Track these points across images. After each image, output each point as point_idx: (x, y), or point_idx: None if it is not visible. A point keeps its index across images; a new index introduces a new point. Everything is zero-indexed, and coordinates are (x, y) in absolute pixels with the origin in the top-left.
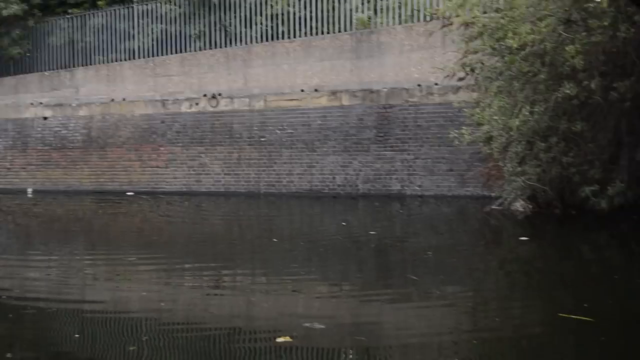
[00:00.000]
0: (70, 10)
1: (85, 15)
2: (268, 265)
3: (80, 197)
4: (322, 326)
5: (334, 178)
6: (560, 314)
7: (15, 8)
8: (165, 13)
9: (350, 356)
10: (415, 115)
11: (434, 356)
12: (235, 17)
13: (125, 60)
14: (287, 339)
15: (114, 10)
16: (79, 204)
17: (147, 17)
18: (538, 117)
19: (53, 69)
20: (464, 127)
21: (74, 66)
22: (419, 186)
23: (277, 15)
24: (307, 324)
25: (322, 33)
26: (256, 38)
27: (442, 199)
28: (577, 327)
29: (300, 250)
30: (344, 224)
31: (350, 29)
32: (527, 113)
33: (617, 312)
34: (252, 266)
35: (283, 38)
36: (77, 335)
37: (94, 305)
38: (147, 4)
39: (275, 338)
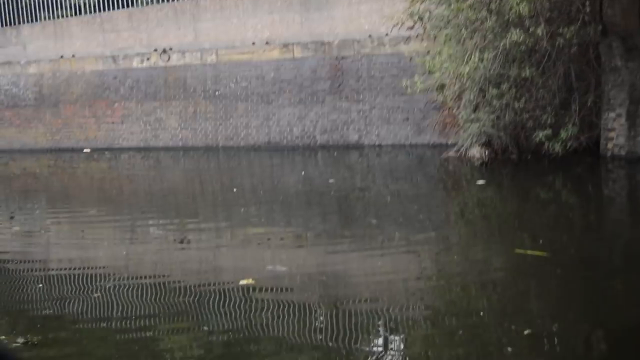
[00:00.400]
0: None
1: None
2: (231, 217)
3: (36, 155)
4: (284, 268)
5: (291, 130)
6: (518, 250)
7: None
8: None
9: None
10: (368, 66)
11: (397, 298)
12: None
13: (72, 16)
14: (250, 281)
15: None
16: (36, 163)
17: None
18: (488, 63)
19: None
20: (416, 76)
21: (19, 23)
22: (377, 136)
23: None
24: (270, 267)
25: None
26: None
27: (400, 148)
28: (535, 264)
29: (261, 201)
30: (303, 174)
31: None
32: (476, 60)
33: (572, 248)
34: (216, 218)
35: None
36: (40, 285)
37: (59, 261)
38: None
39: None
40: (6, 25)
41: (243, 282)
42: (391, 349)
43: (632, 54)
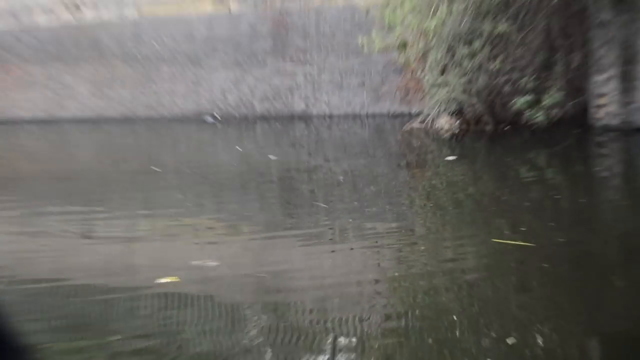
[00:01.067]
0: None
1: None
2: (150, 203)
3: None
4: (214, 264)
5: (225, 97)
6: (496, 240)
7: None
8: None
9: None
10: (317, 21)
11: (352, 307)
12: None
13: None
14: (174, 279)
15: None
16: None
17: None
18: (457, 16)
19: None
20: (373, 32)
21: None
22: (327, 104)
23: None
24: (196, 262)
25: None
26: None
27: (355, 118)
28: (517, 256)
29: (188, 183)
30: (239, 149)
31: None
32: (444, 13)
33: (559, 236)
34: (131, 206)
35: None
36: None
37: None
38: None
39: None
40: None
41: (162, 280)
42: None
43: (624, 4)
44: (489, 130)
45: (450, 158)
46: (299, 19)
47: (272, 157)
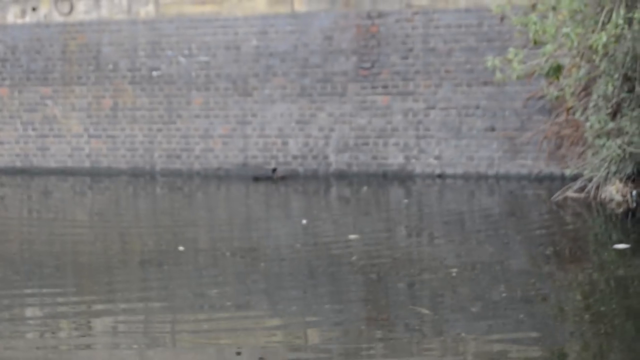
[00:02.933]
0: None
1: None
2: (170, 300)
3: None
4: None
5: (285, 144)
6: None
7: None
8: None
9: None
10: (425, 31)
11: None
12: None
13: None
14: None
15: None
16: None
17: None
18: None
19: None
20: (511, 50)
21: None
22: (437, 158)
23: None
24: None
25: None
26: None
27: (479, 180)
28: None
29: (228, 271)
30: (304, 222)
31: None
32: (621, 22)
33: None
34: (145, 304)
35: None
36: None
37: None
38: None
39: None
40: None
41: None
42: None
43: None
44: None
45: (622, 246)
46: (397, 26)
47: (352, 236)
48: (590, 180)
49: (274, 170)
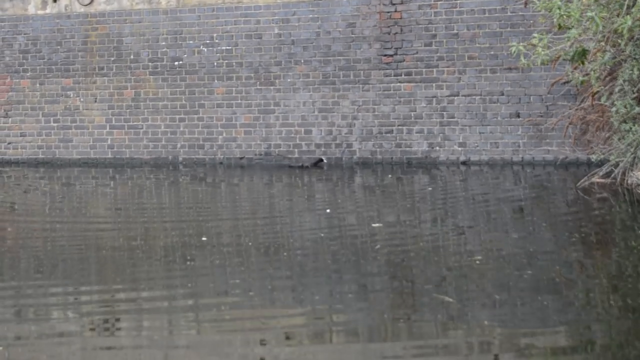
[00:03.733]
0: None
1: None
2: (192, 289)
3: None
4: None
5: (308, 132)
6: None
7: None
8: None
9: None
10: (448, 17)
11: None
12: None
13: None
14: None
15: None
16: None
17: None
18: None
19: None
20: (535, 35)
21: None
22: (461, 145)
23: None
24: None
25: None
26: None
27: (504, 166)
28: None
29: (251, 260)
30: (328, 211)
31: None
32: None
33: None
34: (168, 292)
35: None
36: None
37: None
38: None
39: None
40: None
41: None
42: None
43: None
44: None
45: None
46: (420, 13)
47: (376, 224)
48: (616, 165)
49: (321, 160)
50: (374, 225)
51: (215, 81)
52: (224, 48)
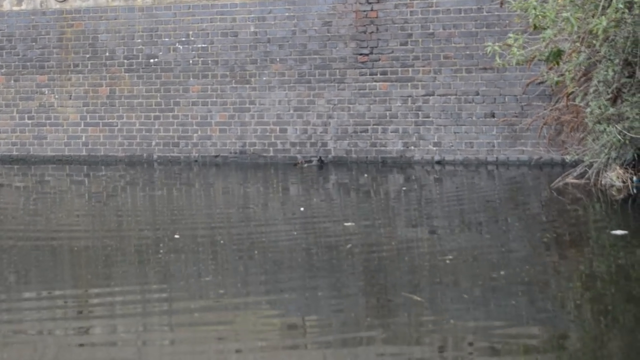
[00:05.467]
0: None
1: None
2: (166, 290)
3: None
4: None
5: (283, 131)
6: None
7: None
8: None
9: None
10: (425, 15)
11: None
12: None
13: None
14: None
15: None
16: None
17: None
18: None
19: None
20: (510, 35)
21: None
22: (436, 144)
23: None
24: None
25: None
26: None
27: (479, 166)
28: None
29: (226, 259)
30: (301, 209)
31: None
32: (621, 6)
33: None
34: (143, 290)
35: None
36: None
37: None
38: None
39: None
40: None
41: None
42: None
43: None
44: None
45: (620, 232)
46: (396, 12)
47: (348, 223)
48: (590, 166)
49: (320, 159)
50: (346, 224)
51: (191, 79)
52: (200, 46)
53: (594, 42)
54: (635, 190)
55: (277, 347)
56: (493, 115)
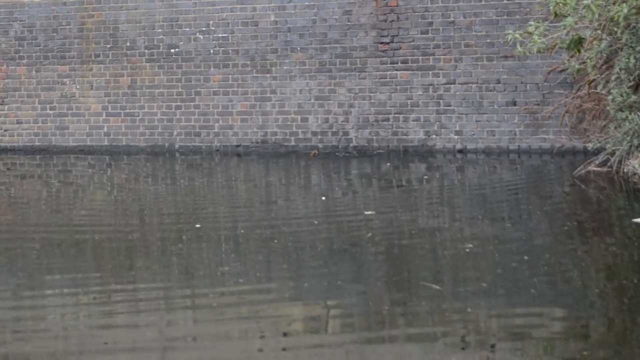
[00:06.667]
0: None
1: None
2: (182, 281)
3: None
4: None
5: (304, 120)
6: None
7: None
8: None
9: None
10: (445, 5)
11: None
12: None
13: None
14: None
15: None
16: None
17: None
18: None
19: None
20: (531, 23)
21: None
22: (457, 133)
23: None
24: None
25: None
26: None
27: (500, 154)
28: None
29: (245, 248)
30: (323, 198)
31: None
32: None
33: None
34: (164, 284)
35: None
36: None
37: None
38: None
39: None
40: None
41: None
42: None
43: None
44: None
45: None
46: (417, 0)
47: (369, 212)
48: (612, 154)
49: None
50: (367, 213)
51: (212, 69)
52: (220, 35)
53: (615, 29)
54: None
55: (299, 333)
56: (514, 104)
